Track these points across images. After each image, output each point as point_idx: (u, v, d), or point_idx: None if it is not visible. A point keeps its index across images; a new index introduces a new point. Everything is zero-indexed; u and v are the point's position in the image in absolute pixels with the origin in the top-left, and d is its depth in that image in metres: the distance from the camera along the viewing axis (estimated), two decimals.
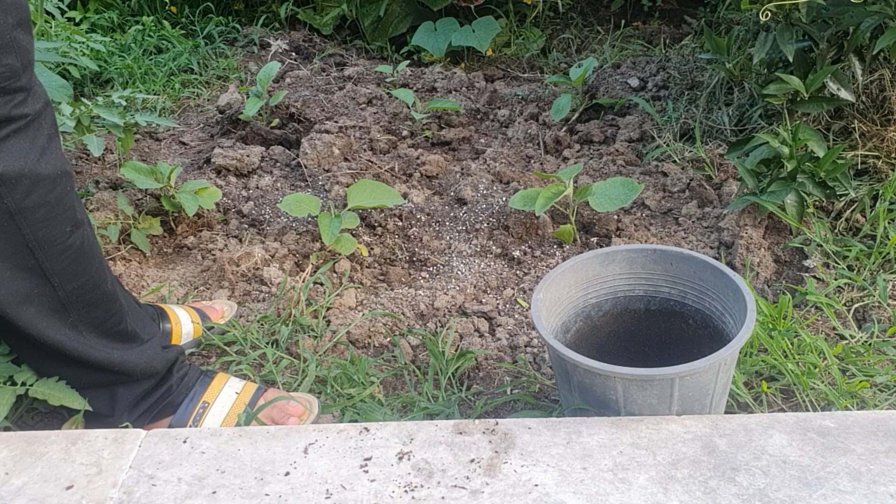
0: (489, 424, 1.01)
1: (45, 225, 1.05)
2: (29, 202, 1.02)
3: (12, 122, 1.00)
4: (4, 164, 0.99)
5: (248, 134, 2.13)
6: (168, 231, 1.77)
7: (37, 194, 1.03)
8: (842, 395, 1.22)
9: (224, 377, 1.28)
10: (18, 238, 1.03)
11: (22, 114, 1.00)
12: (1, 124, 0.99)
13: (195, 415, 1.22)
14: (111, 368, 1.16)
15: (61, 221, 1.07)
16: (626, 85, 2.31)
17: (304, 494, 0.93)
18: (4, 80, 0.97)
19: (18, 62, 0.98)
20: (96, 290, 1.13)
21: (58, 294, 1.09)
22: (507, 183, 1.90)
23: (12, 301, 1.05)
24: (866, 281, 1.47)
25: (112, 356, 1.16)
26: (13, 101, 0.99)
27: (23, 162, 1.01)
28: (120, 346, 1.17)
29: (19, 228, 1.02)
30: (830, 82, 1.61)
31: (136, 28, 2.80)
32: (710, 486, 0.90)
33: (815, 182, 1.57)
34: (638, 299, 1.22)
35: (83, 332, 1.13)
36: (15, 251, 1.03)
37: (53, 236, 1.06)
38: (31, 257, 1.05)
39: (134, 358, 1.18)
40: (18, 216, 1.02)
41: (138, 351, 1.19)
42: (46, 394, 1.15)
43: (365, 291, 1.58)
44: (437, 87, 2.43)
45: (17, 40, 0.98)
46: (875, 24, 1.52)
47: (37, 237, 1.04)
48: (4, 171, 0.99)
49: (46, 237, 1.05)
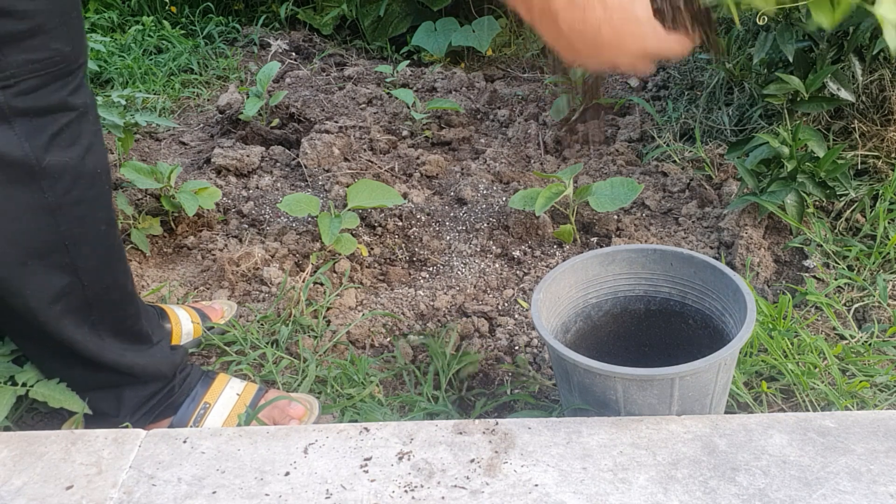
0: (489, 424, 1.01)
1: (82, 222, 1.02)
2: (69, 198, 1.00)
3: (69, 111, 0.97)
4: (52, 157, 0.96)
5: (248, 134, 2.13)
6: (168, 231, 1.77)
7: (77, 190, 1.00)
8: (842, 395, 1.22)
9: (225, 378, 1.28)
10: (56, 235, 1.00)
11: (75, 104, 0.98)
12: (58, 112, 0.96)
13: (196, 415, 1.22)
14: (121, 370, 1.15)
15: (97, 220, 1.05)
16: (626, 85, 2.31)
17: (304, 494, 0.93)
18: (55, 65, 0.94)
19: (69, 48, 0.96)
20: (121, 290, 1.12)
21: (86, 293, 1.06)
22: (507, 183, 1.90)
23: (43, 300, 1.03)
24: (866, 281, 1.47)
25: (124, 357, 1.15)
26: (68, 87, 0.97)
27: (69, 156, 0.98)
28: (133, 348, 1.16)
29: (58, 225, 1.00)
30: (830, 82, 1.61)
31: (136, 28, 2.80)
32: (710, 486, 0.90)
33: (815, 182, 1.56)
34: (638, 299, 1.22)
35: (101, 331, 1.11)
36: (52, 249, 1.01)
37: (89, 234, 1.04)
38: (67, 255, 1.02)
39: (144, 360, 1.17)
40: (58, 212, 0.99)
41: (149, 353, 1.18)
42: (47, 395, 1.14)
43: (365, 291, 1.58)
44: (437, 87, 2.43)
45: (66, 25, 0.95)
46: (875, 24, 1.52)
47: (73, 234, 1.02)
48: (50, 163, 0.96)
49: (83, 235, 1.03)
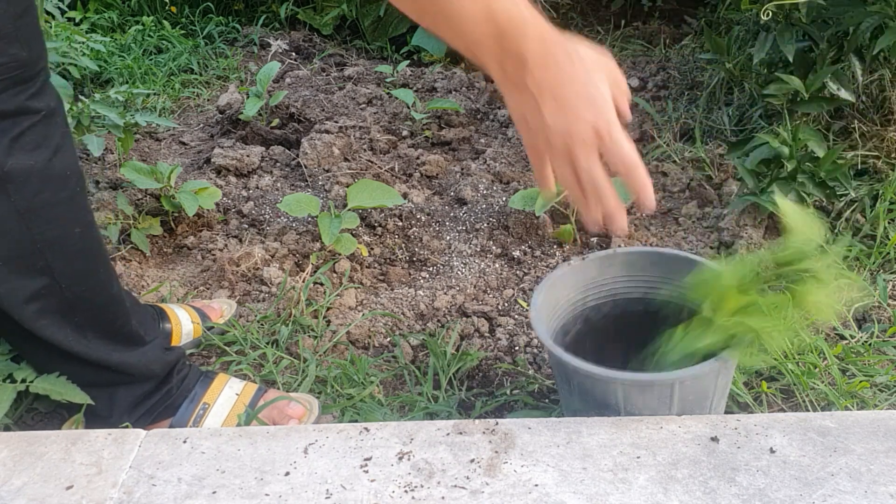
0: (489, 424, 1.01)
1: (54, 225, 1.02)
2: (38, 201, 0.99)
3: (28, 115, 0.97)
4: (14, 161, 0.96)
5: (248, 134, 2.13)
6: (168, 231, 1.77)
7: (47, 193, 1.00)
8: (842, 395, 1.22)
9: (224, 378, 1.28)
10: (27, 239, 1.00)
11: (37, 107, 0.98)
12: (17, 117, 0.96)
13: (195, 416, 1.22)
14: (111, 368, 1.15)
15: (71, 222, 1.05)
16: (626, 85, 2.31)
17: (304, 494, 0.93)
18: (11, 70, 0.94)
19: (25, 52, 0.95)
20: (104, 292, 1.12)
21: (66, 296, 1.07)
22: (507, 183, 1.90)
23: (16, 300, 1.03)
24: (866, 281, 1.47)
25: (112, 357, 1.15)
26: (26, 92, 0.96)
27: (34, 159, 0.98)
28: (122, 348, 1.16)
29: (29, 228, 1.00)
30: (830, 82, 1.61)
31: (136, 28, 2.80)
32: (710, 486, 0.90)
33: (815, 182, 1.56)
34: (637, 301, 1.22)
35: (86, 332, 1.12)
36: (22, 253, 1.01)
37: (64, 236, 1.04)
38: (41, 258, 1.02)
39: (134, 360, 1.17)
40: (28, 215, 0.99)
41: (139, 353, 1.18)
42: (48, 389, 1.13)
43: (365, 291, 1.58)
44: (437, 87, 2.43)
45: (21, 30, 0.94)
46: (875, 24, 1.52)
47: (46, 237, 1.02)
48: (13, 168, 0.96)
49: (57, 238, 1.03)
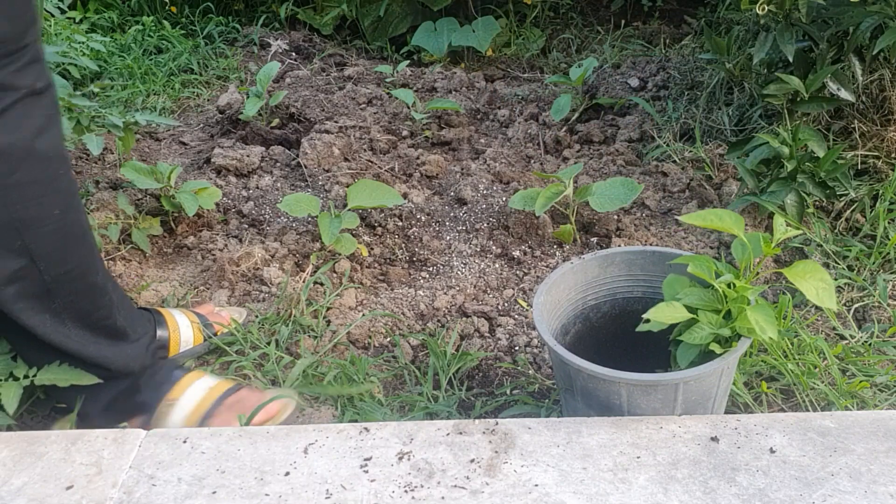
0: (489, 424, 1.01)
1: (33, 205, 1.01)
2: (16, 178, 0.99)
3: (11, 90, 0.96)
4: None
5: (248, 134, 2.13)
6: (168, 231, 1.77)
7: (25, 171, 0.99)
8: (842, 395, 1.22)
9: (197, 375, 1.26)
10: (3, 216, 1.00)
11: (20, 84, 0.97)
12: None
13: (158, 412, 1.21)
14: (87, 360, 1.14)
15: (51, 203, 1.04)
16: (626, 85, 2.31)
17: (304, 494, 0.93)
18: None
19: (8, 26, 0.95)
20: (84, 278, 1.11)
21: (43, 278, 1.06)
22: (507, 183, 1.90)
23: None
24: (866, 281, 1.47)
25: (88, 349, 1.13)
26: (9, 67, 0.96)
27: (15, 136, 0.97)
28: (102, 342, 1.15)
29: (5, 206, 0.99)
30: (830, 82, 1.61)
31: (136, 28, 2.80)
32: (710, 486, 0.90)
33: (815, 182, 1.57)
34: (636, 301, 1.22)
35: (66, 320, 1.10)
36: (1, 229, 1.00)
37: (42, 217, 1.03)
38: (19, 237, 1.01)
39: (111, 354, 1.15)
40: (5, 192, 0.98)
41: (118, 349, 1.17)
42: (53, 378, 1.12)
43: (365, 291, 1.58)
44: (437, 87, 2.43)
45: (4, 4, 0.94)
46: (875, 24, 1.52)
47: (24, 217, 1.01)
48: None
49: (35, 217, 1.02)
